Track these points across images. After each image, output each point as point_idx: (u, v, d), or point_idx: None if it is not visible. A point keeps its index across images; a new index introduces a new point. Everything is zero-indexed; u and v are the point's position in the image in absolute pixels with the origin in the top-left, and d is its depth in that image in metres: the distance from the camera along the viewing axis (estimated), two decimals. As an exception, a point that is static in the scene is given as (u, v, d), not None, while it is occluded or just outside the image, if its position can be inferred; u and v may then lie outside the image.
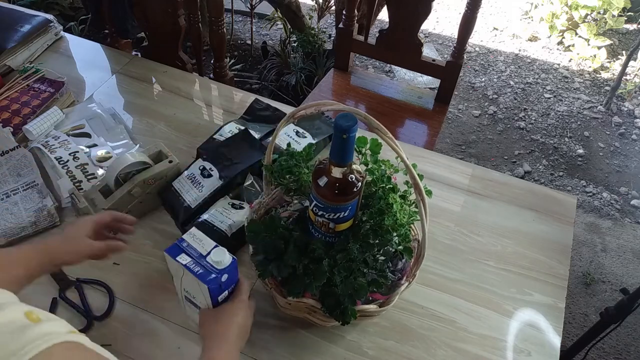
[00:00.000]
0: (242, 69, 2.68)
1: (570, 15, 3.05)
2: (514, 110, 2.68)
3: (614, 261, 2.05)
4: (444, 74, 1.63)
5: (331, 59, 2.47)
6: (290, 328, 0.87)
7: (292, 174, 0.85)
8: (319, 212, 0.77)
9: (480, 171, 1.18)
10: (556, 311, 0.93)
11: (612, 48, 3.05)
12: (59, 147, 1.08)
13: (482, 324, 0.90)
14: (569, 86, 2.85)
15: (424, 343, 0.87)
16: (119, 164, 0.98)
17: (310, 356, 0.85)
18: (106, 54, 1.47)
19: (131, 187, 0.98)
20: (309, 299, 0.79)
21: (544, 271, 0.99)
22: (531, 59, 3.02)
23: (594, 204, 2.27)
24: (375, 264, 0.79)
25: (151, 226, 1.02)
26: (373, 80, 1.82)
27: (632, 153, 2.50)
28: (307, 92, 2.36)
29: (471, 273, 0.98)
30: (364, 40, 1.71)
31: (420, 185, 0.71)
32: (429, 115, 1.68)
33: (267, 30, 3.06)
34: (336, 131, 0.65)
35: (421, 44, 1.59)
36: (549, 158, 2.45)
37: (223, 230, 0.95)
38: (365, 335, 0.88)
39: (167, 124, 1.25)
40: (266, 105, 1.26)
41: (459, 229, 1.05)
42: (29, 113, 1.21)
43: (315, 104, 0.73)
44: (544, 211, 1.09)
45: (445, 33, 3.22)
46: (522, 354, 0.87)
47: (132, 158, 0.99)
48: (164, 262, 0.96)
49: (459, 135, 2.54)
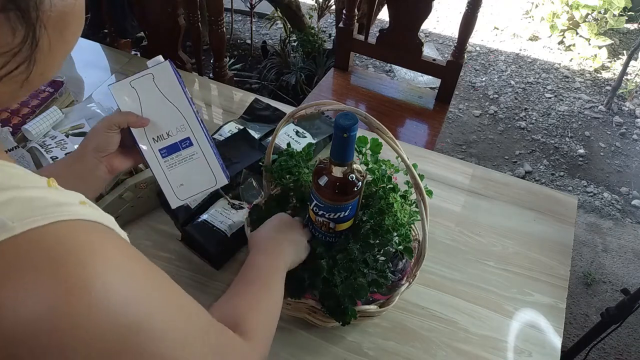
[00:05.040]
0: (242, 68, 2.67)
1: (571, 14, 3.05)
2: (515, 110, 2.68)
3: (615, 261, 2.05)
4: (445, 74, 1.63)
5: (331, 59, 2.46)
6: (290, 328, 0.87)
7: (292, 174, 0.85)
8: (319, 211, 0.76)
9: (480, 171, 1.17)
10: (557, 311, 0.93)
11: (613, 48, 3.04)
12: (55, 147, 1.08)
13: (483, 324, 0.90)
14: (570, 86, 2.85)
15: (424, 343, 0.87)
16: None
17: (311, 357, 0.84)
18: (105, 54, 1.47)
19: (122, 191, 0.97)
20: (309, 299, 0.78)
21: (544, 271, 0.99)
22: (532, 58, 3.02)
23: (594, 204, 2.26)
24: (376, 264, 0.79)
25: (150, 226, 1.02)
26: (373, 79, 1.82)
27: (633, 153, 2.50)
28: (307, 92, 2.36)
29: (472, 273, 0.97)
30: (364, 39, 1.70)
31: (420, 185, 0.71)
32: (429, 115, 1.68)
33: (266, 30, 3.06)
34: (337, 130, 0.65)
35: (422, 43, 1.59)
36: (550, 158, 2.45)
37: (223, 230, 0.95)
38: (365, 336, 0.87)
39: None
40: (266, 105, 1.25)
41: (459, 229, 1.05)
42: (28, 113, 1.20)
43: (315, 103, 0.73)
44: (545, 211, 1.09)
45: (446, 32, 3.22)
46: (523, 355, 0.87)
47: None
48: (164, 262, 0.96)
49: (460, 135, 2.53)
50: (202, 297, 0.47)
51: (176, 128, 0.68)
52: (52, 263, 0.33)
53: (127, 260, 0.39)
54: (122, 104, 0.67)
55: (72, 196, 0.40)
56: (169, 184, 0.71)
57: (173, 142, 0.69)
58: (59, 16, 0.40)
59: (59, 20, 0.40)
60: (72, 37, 0.43)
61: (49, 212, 0.35)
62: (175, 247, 0.98)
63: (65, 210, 0.36)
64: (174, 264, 0.95)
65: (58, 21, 0.40)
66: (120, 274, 0.37)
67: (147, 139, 0.68)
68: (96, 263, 0.35)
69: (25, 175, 0.40)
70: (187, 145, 0.69)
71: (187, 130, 0.69)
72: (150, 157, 0.70)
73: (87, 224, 0.38)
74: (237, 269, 0.95)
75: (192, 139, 0.69)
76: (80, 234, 0.36)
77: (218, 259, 0.95)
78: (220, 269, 0.95)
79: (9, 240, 0.32)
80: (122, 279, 0.37)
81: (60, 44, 0.41)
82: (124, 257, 0.39)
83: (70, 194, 0.41)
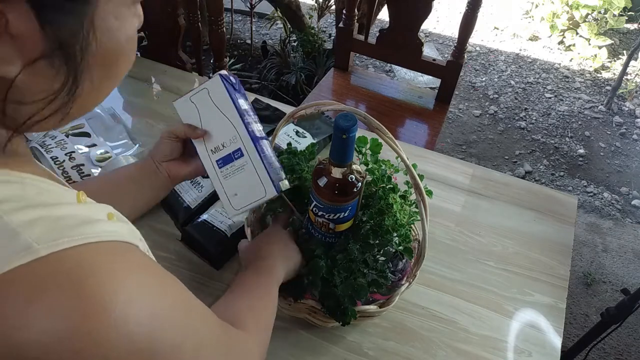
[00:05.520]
0: (242, 68, 2.68)
1: (571, 14, 3.05)
2: (515, 110, 2.68)
3: (615, 261, 2.05)
4: (445, 74, 1.63)
5: (331, 59, 2.46)
6: (290, 328, 0.87)
7: (295, 172, 0.84)
8: (319, 212, 0.76)
9: (480, 171, 1.17)
10: (557, 311, 0.93)
11: (612, 48, 3.04)
12: (55, 146, 1.08)
13: (483, 324, 0.90)
14: (570, 86, 2.85)
15: (424, 343, 0.87)
16: (110, 168, 0.98)
17: (311, 357, 0.84)
18: (106, 54, 1.47)
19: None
20: (309, 299, 0.78)
21: (544, 271, 0.99)
22: (532, 58, 3.02)
23: (594, 204, 2.26)
24: (376, 265, 0.79)
25: (150, 226, 1.02)
26: (373, 79, 1.82)
27: (633, 153, 2.50)
28: (307, 92, 2.36)
29: (472, 273, 0.97)
30: (364, 39, 1.70)
31: (420, 185, 0.71)
32: (429, 115, 1.68)
33: (266, 30, 3.06)
34: (336, 131, 0.65)
35: (422, 43, 1.59)
36: (550, 158, 2.45)
37: (223, 230, 0.95)
38: (365, 336, 0.87)
39: (166, 123, 1.24)
40: (266, 105, 1.25)
41: (459, 229, 1.05)
42: (28, 113, 1.20)
43: (315, 103, 0.73)
44: (545, 211, 1.09)
45: (446, 32, 3.22)
46: (523, 355, 0.87)
47: (125, 161, 0.99)
48: (164, 262, 0.96)
49: (460, 135, 2.53)
50: (202, 297, 0.48)
51: (229, 139, 0.71)
52: (74, 285, 0.34)
53: (147, 279, 0.39)
54: (185, 118, 0.71)
55: (100, 210, 0.40)
56: (225, 194, 0.73)
57: (227, 153, 0.71)
58: (106, 56, 0.38)
59: (105, 60, 0.38)
60: (120, 74, 0.41)
61: (75, 234, 0.35)
62: (175, 247, 0.98)
63: (91, 230, 0.37)
64: (174, 264, 0.95)
65: (105, 61, 0.38)
66: (140, 295, 0.37)
67: (206, 151, 0.72)
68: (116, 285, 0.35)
69: (55, 190, 0.39)
70: (239, 156, 0.71)
71: (238, 141, 0.70)
72: (209, 167, 0.73)
73: (110, 245, 0.38)
74: (237, 269, 0.95)
75: (243, 149, 0.71)
76: (102, 257, 0.36)
77: (218, 259, 0.95)
78: (220, 269, 0.95)
79: (33, 262, 0.33)
80: (142, 299, 0.37)
81: (105, 81, 0.40)
82: (144, 276, 0.39)
83: (99, 207, 0.41)
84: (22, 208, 0.35)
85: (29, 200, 0.36)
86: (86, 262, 0.35)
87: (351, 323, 0.77)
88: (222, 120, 0.69)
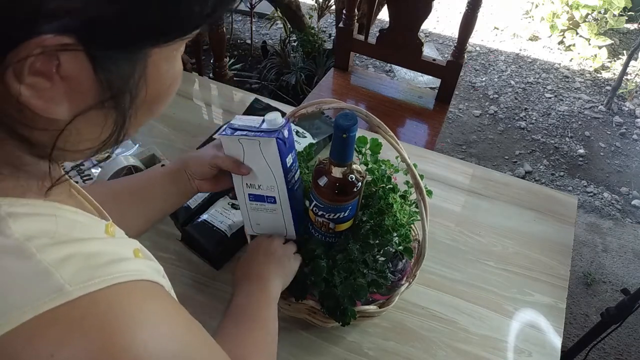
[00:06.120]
0: (242, 68, 2.67)
1: (571, 14, 3.05)
2: (515, 110, 2.68)
3: (615, 261, 2.05)
4: (445, 74, 1.63)
5: (331, 59, 2.46)
6: (290, 329, 0.87)
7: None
8: (319, 212, 0.76)
9: (480, 171, 1.17)
10: (557, 311, 0.93)
11: (612, 48, 3.04)
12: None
13: (483, 324, 0.90)
14: (570, 86, 2.85)
15: (424, 344, 0.87)
16: (110, 168, 0.98)
17: (311, 357, 0.84)
18: (106, 54, 1.47)
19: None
20: (309, 299, 0.78)
21: (544, 271, 0.98)
22: (532, 58, 3.02)
23: (594, 204, 2.26)
24: (375, 265, 0.79)
25: (150, 226, 1.02)
26: (373, 79, 1.82)
27: (633, 153, 2.50)
28: (307, 92, 2.36)
29: (472, 273, 0.97)
30: (364, 39, 1.70)
31: (421, 184, 0.71)
32: (429, 115, 1.68)
33: (266, 30, 3.06)
34: (336, 130, 0.65)
35: (422, 43, 1.59)
36: (550, 158, 2.45)
37: (223, 230, 0.94)
38: (365, 336, 0.87)
39: (166, 123, 1.24)
40: (266, 105, 1.25)
41: (459, 229, 1.05)
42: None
43: (316, 102, 0.73)
44: (545, 211, 1.09)
45: (446, 32, 3.22)
46: (523, 355, 0.87)
47: (125, 161, 0.99)
48: (164, 263, 0.96)
49: (460, 135, 2.53)
50: (202, 297, 0.47)
51: (267, 186, 0.74)
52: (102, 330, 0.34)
53: (169, 319, 0.40)
54: (227, 151, 0.73)
55: (127, 247, 0.41)
56: (248, 218, 0.81)
57: (261, 194, 0.76)
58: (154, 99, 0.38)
59: (153, 101, 0.38)
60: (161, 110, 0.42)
61: (105, 274, 0.36)
62: (175, 247, 0.98)
63: (119, 270, 0.37)
64: (174, 264, 0.95)
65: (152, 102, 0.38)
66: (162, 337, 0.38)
67: (241, 181, 0.75)
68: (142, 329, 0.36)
69: (86, 223, 0.40)
70: (271, 202, 0.76)
71: (275, 191, 0.75)
72: (240, 194, 0.77)
73: (137, 285, 0.38)
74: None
75: (277, 199, 0.75)
76: (129, 298, 0.37)
77: (218, 259, 0.95)
78: (220, 269, 0.95)
79: (65, 304, 0.33)
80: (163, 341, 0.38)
81: (147, 117, 0.40)
82: (167, 317, 0.40)
83: (126, 243, 0.42)
84: (54, 244, 0.35)
85: (61, 236, 0.36)
86: (116, 305, 0.35)
87: (351, 323, 0.76)
88: (264, 169, 0.72)
